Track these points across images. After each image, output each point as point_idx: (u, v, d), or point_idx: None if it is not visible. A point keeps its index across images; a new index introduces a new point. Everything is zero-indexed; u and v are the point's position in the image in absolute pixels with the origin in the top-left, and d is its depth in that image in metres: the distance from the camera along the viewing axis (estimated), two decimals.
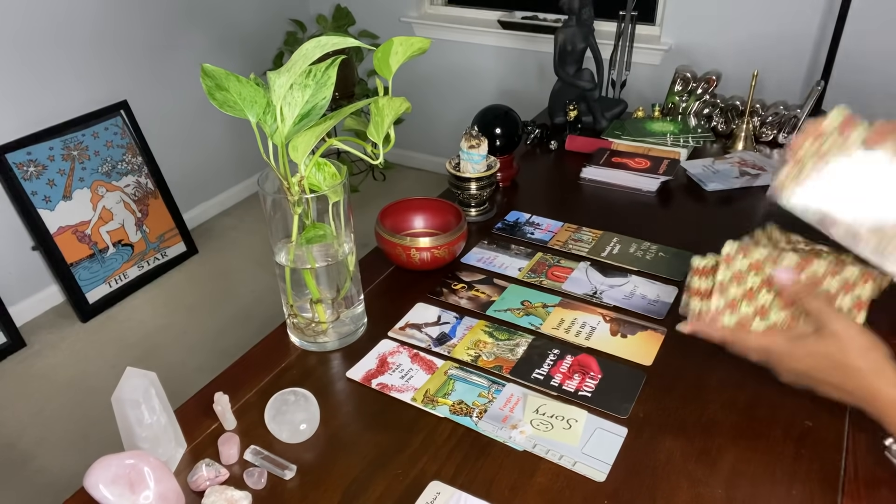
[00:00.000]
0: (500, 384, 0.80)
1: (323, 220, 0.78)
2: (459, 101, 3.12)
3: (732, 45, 2.43)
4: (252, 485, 0.68)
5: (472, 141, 1.09)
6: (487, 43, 2.92)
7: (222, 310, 2.39)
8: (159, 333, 2.28)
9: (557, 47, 1.48)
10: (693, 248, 1.06)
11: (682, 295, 0.96)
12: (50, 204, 2.24)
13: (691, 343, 0.86)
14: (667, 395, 0.78)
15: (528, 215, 1.18)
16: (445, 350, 0.86)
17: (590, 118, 1.55)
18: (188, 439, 0.73)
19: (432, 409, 0.77)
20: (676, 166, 1.31)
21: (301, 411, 0.73)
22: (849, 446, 0.70)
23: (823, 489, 0.66)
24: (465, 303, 0.95)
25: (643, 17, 2.52)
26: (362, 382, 0.81)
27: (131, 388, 0.65)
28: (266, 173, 0.79)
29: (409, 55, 0.77)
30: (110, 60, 2.43)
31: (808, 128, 0.72)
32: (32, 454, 1.82)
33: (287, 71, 0.68)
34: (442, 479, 0.68)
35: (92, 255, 2.36)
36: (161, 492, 0.61)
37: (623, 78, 1.69)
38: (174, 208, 2.65)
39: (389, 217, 1.03)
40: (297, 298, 0.85)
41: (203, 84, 0.68)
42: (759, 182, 1.28)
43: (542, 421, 0.74)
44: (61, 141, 2.28)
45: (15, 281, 2.28)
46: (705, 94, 1.55)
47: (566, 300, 0.95)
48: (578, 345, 0.86)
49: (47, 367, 2.14)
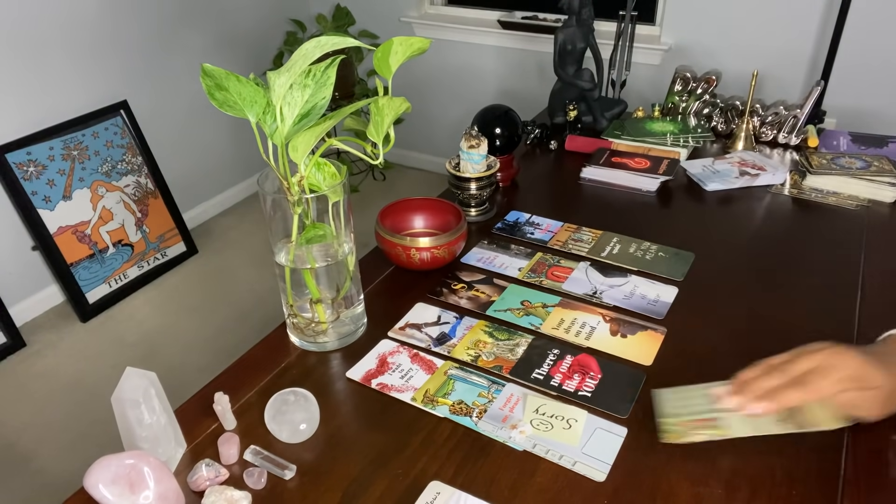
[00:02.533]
0: (499, 384, 0.80)
1: (323, 220, 0.78)
2: (459, 101, 3.13)
3: (732, 45, 2.43)
4: (252, 485, 0.68)
5: (472, 141, 1.09)
6: (487, 43, 2.92)
7: (222, 310, 2.39)
8: (159, 333, 2.28)
9: (557, 47, 1.48)
10: (693, 248, 1.07)
11: (681, 294, 0.96)
12: (50, 204, 2.24)
13: (691, 343, 0.86)
14: None
15: (527, 215, 1.18)
16: (445, 350, 0.86)
17: (590, 118, 1.55)
18: (188, 439, 0.73)
19: (432, 409, 0.77)
20: (676, 166, 1.31)
21: (301, 411, 0.73)
22: (849, 446, 0.70)
23: (823, 489, 0.66)
24: (464, 303, 0.95)
25: (643, 17, 2.52)
26: (362, 382, 0.81)
27: (131, 388, 0.65)
28: (266, 173, 0.79)
29: (409, 55, 0.77)
30: (110, 60, 2.43)
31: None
32: (32, 454, 1.82)
33: (287, 71, 0.68)
34: (442, 479, 0.68)
35: (92, 255, 2.36)
36: (161, 492, 0.61)
37: (623, 78, 1.69)
38: (174, 208, 2.65)
39: (389, 217, 1.03)
40: (297, 298, 0.85)
41: (203, 84, 0.68)
42: (759, 182, 1.28)
43: (541, 421, 0.74)
44: (61, 141, 2.28)
45: (15, 281, 2.28)
46: (705, 94, 1.55)
47: (566, 300, 0.95)
48: (578, 345, 0.86)
49: (47, 367, 2.14)
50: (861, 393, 0.64)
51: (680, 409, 0.72)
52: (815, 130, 1.46)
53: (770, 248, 1.08)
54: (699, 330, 0.89)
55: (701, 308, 0.93)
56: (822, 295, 0.95)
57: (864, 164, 1.26)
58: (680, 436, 0.69)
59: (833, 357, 0.64)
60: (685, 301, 0.94)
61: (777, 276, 1.00)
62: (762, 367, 0.67)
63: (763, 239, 1.11)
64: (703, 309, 0.93)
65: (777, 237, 1.11)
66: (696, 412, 0.70)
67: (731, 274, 1.01)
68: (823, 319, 0.90)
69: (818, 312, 0.92)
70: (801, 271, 1.01)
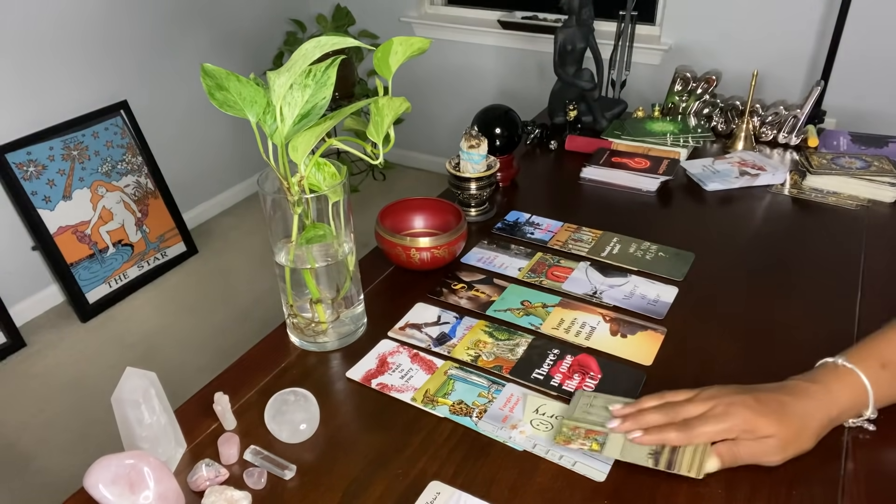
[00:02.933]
0: (499, 384, 0.80)
1: (323, 220, 0.78)
2: (459, 101, 3.13)
3: (732, 45, 2.43)
4: (252, 485, 0.68)
5: (472, 141, 1.09)
6: (487, 43, 2.92)
7: (222, 310, 2.39)
8: (159, 333, 2.28)
9: (557, 47, 1.48)
10: (693, 248, 1.07)
11: (681, 294, 0.96)
12: (50, 204, 2.24)
13: (691, 343, 0.86)
14: None
15: (527, 215, 1.18)
16: (445, 350, 0.86)
17: (590, 118, 1.55)
18: (188, 439, 0.73)
19: (432, 409, 0.77)
20: (676, 166, 1.31)
21: (301, 411, 0.73)
22: (849, 446, 0.70)
23: (823, 489, 0.66)
24: (464, 303, 0.95)
25: (643, 17, 2.52)
26: (362, 382, 0.81)
27: (131, 388, 0.65)
28: (266, 173, 0.79)
29: (409, 55, 0.77)
30: (110, 60, 2.43)
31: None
32: (32, 454, 1.82)
33: (287, 71, 0.68)
34: (442, 479, 0.68)
35: (92, 255, 2.36)
36: (161, 492, 0.61)
37: (623, 78, 1.69)
38: (174, 208, 2.65)
39: (389, 217, 1.03)
40: (297, 298, 0.85)
41: (203, 84, 0.68)
42: (759, 182, 1.28)
43: (542, 421, 0.74)
44: (61, 141, 2.28)
45: (15, 281, 2.28)
46: (705, 94, 1.55)
47: (566, 300, 0.95)
48: (578, 345, 0.86)
49: (47, 367, 2.14)
50: (756, 442, 0.65)
51: (583, 415, 0.72)
52: (815, 130, 1.46)
53: (770, 248, 1.08)
54: (699, 330, 0.89)
55: (701, 308, 0.93)
56: (822, 295, 0.95)
57: (864, 164, 1.26)
58: (566, 440, 0.70)
59: (725, 406, 0.66)
60: (685, 301, 0.94)
61: (777, 276, 1.00)
62: (661, 399, 0.70)
63: (763, 239, 1.11)
64: (703, 309, 0.93)
65: (777, 237, 1.11)
66: (593, 422, 0.71)
67: (731, 274, 1.01)
68: (823, 319, 0.90)
69: (818, 312, 0.92)
70: (801, 271, 1.01)
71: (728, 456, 0.66)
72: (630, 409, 0.71)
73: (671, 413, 0.68)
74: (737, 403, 0.66)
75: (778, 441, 0.65)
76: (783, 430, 0.65)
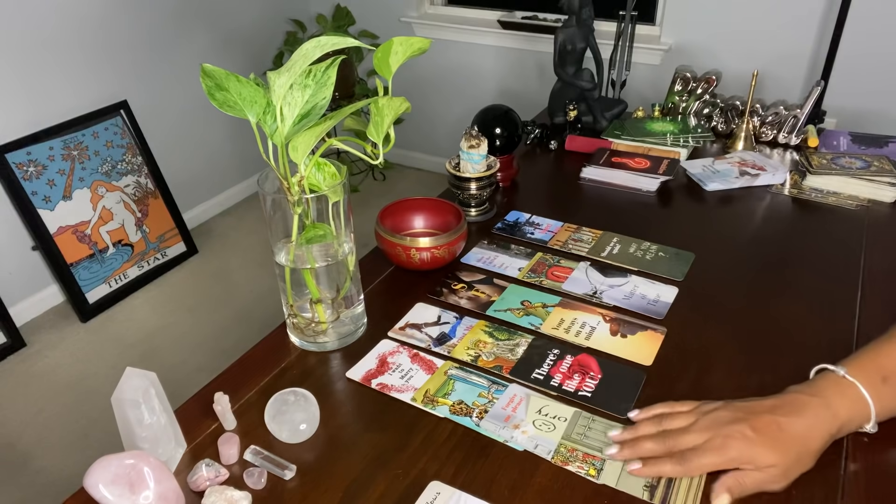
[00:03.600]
0: (500, 384, 0.80)
1: (323, 220, 0.78)
2: (459, 101, 3.13)
3: (732, 45, 2.44)
4: (252, 485, 0.68)
5: (472, 141, 1.09)
6: (487, 43, 2.92)
7: (222, 310, 2.39)
8: (159, 333, 2.28)
9: (557, 47, 1.48)
10: (693, 248, 1.07)
11: (681, 294, 0.96)
12: (50, 204, 2.24)
13: (691, 343, 0.86)
14: (667, 395, 0.78)
15: (527, 215, 1.18)
16: (445, 350, 0.86)
17: (590, 118, 1.55)
18: (188, 439, 0.73)
19: (432, 409, 0.77)
20: (676, 166, 1.31)
21: (301, 411, 0.73)
22: (849, 446, 0.70)
23: (823, 489, 0.66)
24: (464, 303, 0.95)
25: (643, 17, 2.52)
26: (362, 382, 0.81)
27: (131, 389, 0.65)
28: (266, 173, 0.79)
29: (409, 55, 0.77)
30: (111, 60, 2.43)
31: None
32: (32, 454, 1.82)
33: (287, 71, 0.68)
34: (442, 479, 0.68)
35: (92, 255, 2.36)
36: (161, 492, 0.61)
37: (623, 78, 1.69)
38: (174, 208, 2.65)
39: (389, 217, 1.03)
40: (297, 298, 0.85)
41: (203, 84, 0.68)
42: (759, 182, 1.28)
43: (544, 421, 0.74)
44: (61, 141, 2.28)
45: (15, 281, 2.28)
46: (705, 94, 1.55)
47: (566, 300, 0.95)
48: (578, 345, 0.86)
49: (47, 367, 2.14)
50: (759, 472, 0.65)
51: (580, 437, 0.72)
52: (815, 130, 1.46)
53: (770, 248, 1.08)
54: (699, 330, 0.89)
55: (701, 308, 0.93)
56: (823, 295, 0.95)
57: (864, 164, 1.26)
58: (564, 460, 0.70)
59: (723, 439, 0.65)
60: (685, 301, 0.94)
61: (777, 276, 1.00)
62: (658, 425, 0.70)
63: (763, 239, 1.11)
64: (703, 309, 0.93)
65: (777, 237, 1.11)
66: (590, 446, 0.71)
67: (731, 274, 1.01)
68: (823, 319, 0.90)
69: (818, 312, 0.92)
70: (802, 271, 1.01)
71: (737, 489, 0.65)
72: (628, 434, 0.71)
73: (669, 442, 0.68)
74: (734, 436, 0.65)
75: (779, 470, 0.64)
76: (783, 458, 0.64)
